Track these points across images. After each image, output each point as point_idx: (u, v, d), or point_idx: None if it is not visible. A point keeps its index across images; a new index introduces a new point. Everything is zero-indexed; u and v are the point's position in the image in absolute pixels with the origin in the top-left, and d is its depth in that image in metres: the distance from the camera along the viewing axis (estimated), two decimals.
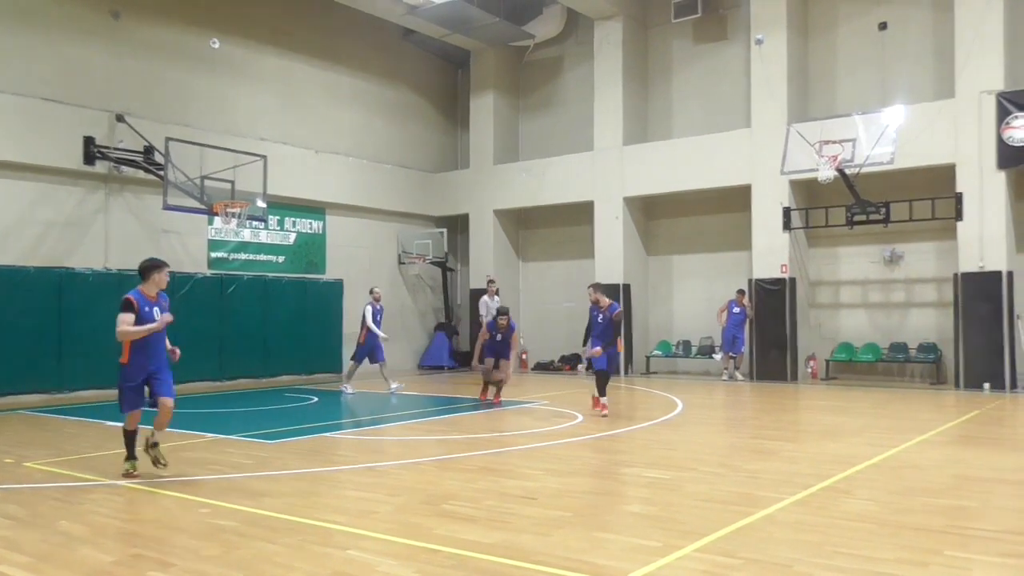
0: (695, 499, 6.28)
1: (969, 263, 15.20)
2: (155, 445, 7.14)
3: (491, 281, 19.19)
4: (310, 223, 19.15)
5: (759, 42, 16.95)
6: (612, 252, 19.48)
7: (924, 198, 15.61)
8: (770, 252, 17.26)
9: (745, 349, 17.52)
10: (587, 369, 15.14)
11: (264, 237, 18.06)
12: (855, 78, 17.44)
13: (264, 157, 15.85)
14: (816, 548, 4.87)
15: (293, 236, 18.75)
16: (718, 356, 18.01)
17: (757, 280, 17.44)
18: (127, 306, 6.86)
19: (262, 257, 18.05)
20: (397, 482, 7.06)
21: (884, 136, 14.64)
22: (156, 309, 7.02)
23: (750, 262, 17.70)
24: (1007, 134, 14.80)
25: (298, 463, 7.82)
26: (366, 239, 20.51)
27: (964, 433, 9.88)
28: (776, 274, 17.17)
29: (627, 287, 19.30)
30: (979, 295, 15.02)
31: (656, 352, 19.55)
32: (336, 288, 19.07)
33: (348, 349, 17.20)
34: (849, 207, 15.77)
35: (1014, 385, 14.74)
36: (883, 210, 15.55)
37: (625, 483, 7.24)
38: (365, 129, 20.63)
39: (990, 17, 15.05)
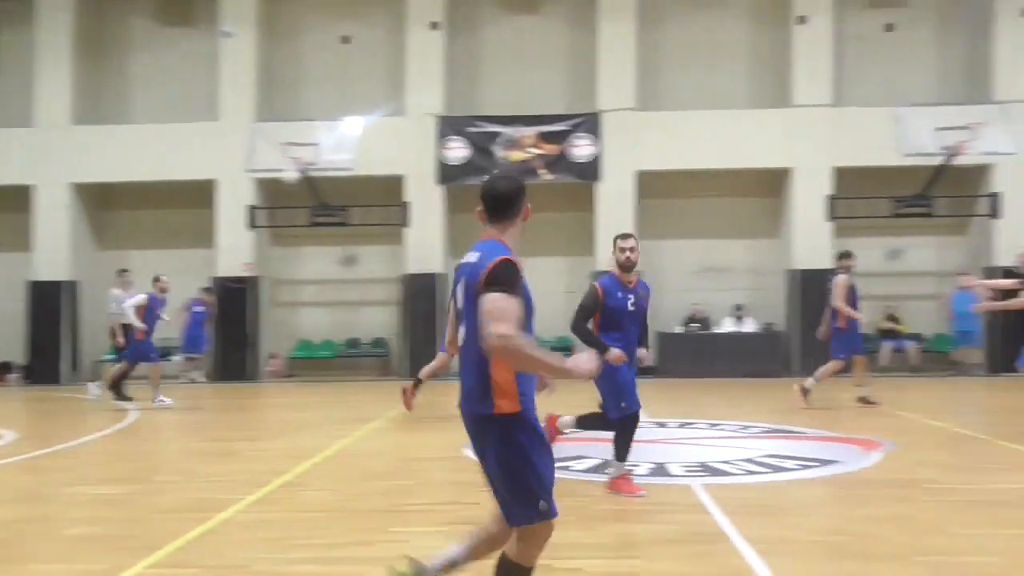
0: (149, 511, 5.88)
1: (414, 265, 16.98)
2: None
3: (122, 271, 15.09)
4: None
5: (226, 35, 16.66)
6: (55, 245, 17.27)
7: (378, 204, 16.99)
8: (234, 250, 17.09)
9: (208, 349, 17.05)
10: None
11: None
12: (319, 85, 18.20)
13: None
14: (274, 544, 4.92)
15: None
16: (179, 358, 17.18)
17: (220, 278, 17.12)
18: None
19: None
20: None
21: (344, 143, 15.58)
22: None
23: (214, 259, 17.29)
24: (445, 154, 16.92)
25: None
26: None
27: (406, 419, 10.97)
28: (240, 272, 17.07)
29: (72, 285, 17.29)
30: (421, 294, 16.88)
31: (108, 357, 17.90)
32: None
33: None
34: (311, 209, 16.43)
35: (447, 373, 16.89)
36: (342, 213, 16.55)
37: (66, 504, 6.45)
38: None
39: (433, 47, 17.04)
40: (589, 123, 16.80)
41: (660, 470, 6.98)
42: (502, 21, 18.18)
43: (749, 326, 16.71)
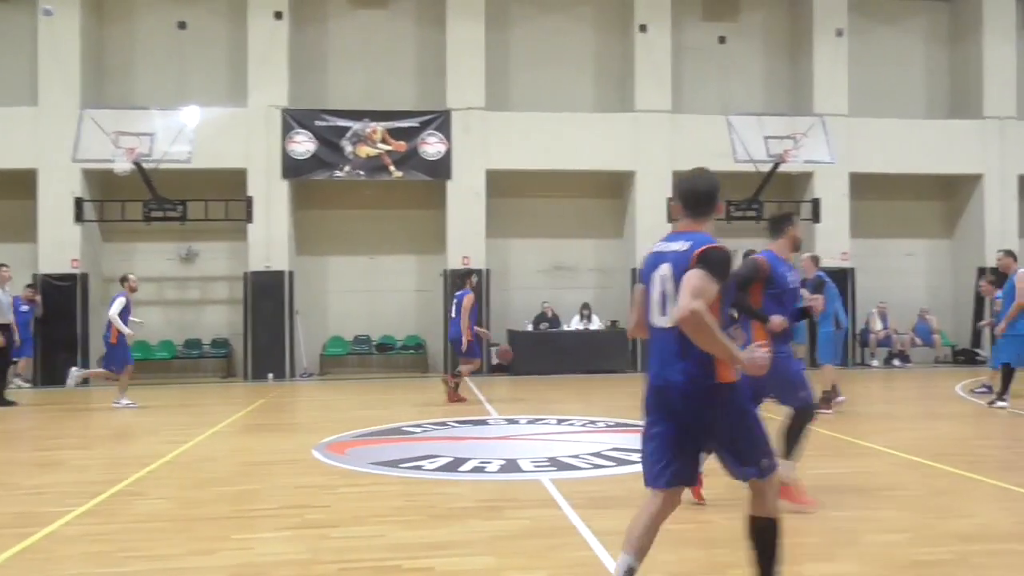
0: None
1: (257, 263, 16.39)
2: None
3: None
4: None
5: (47, 13, 15.45)
6: None
7: (218, 199, 16.26)
8: (60, 245, 15.89)
9: (30, 352, 15.74)
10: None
11: None
12: (154, 72, 17.20)
13: None
14: (106, 557, 4.61)
15: None
16: None
17: (44, 275, 15.87)
18: None
19: None
20: None
21: (182, 134, 14.81)
22: None
23: (37, 255, 16.00)
24: (290, 147, 16.43)
25: None
26: None
27: (251, 422, 10.58)
28: (67, 269, 15.89)
29: None
30: (265, 293, 16.32)
31: None
32: None
33: None
34: (146, 202, 15.53)
35: (294, 374, 16.43)
36: (180, 208, 15.73)
37: None
38: None
39: (277, 37, 16.49)
40: (439, 121, 16.79)
41: (510, 466, 7.06)
42: (350, 14, 17.85)
43: (596, 324, 17.22)
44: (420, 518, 5.40)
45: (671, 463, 3.47)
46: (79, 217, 15.91)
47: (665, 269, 3.46)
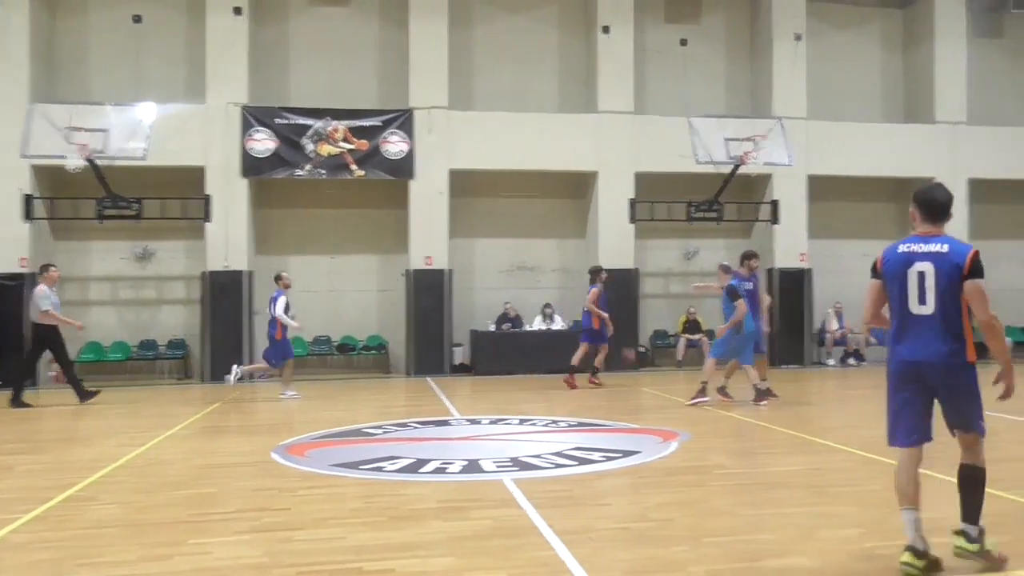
0: None
1: (215, 262, 16.15)
2: None
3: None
4: None
5: None
6: None
7: (176, 197, 16.01)
8: (7, 243, 15.50)
9: None
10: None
11: None
12: (108, 66, 16.87)
13: None
14: (55, 565, 4.50)
15: None
16: None
17: None
18: None
19: None
20: None
21: (137, 131, 14.54)
22: None
23: None
24: (250, 145, 16.22)
25: None
26: None
27: (208, 424, 10.42)
28: (15, 268, 15.51)
29: None
30: (224, 293, 16.09)
31: None
32: None
33: None
34: (100, 200, 15.22)
35: (252, 376, 16.19)
36: (135, 206, 15.44)
37: None
38: None
39: (237, 33, 16.27)
40: (402, 120, 16.70)
41: (472, 466, 7.04)
42: (311, 11, 17.68)
43: (558, 324, 17.26)
44: (381, 520, 5.36)
45: (917, 426, 4.32)
46: (28, 215, 15.54)
47: (926, 267, 4.21)
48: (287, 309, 12.62)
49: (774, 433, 8.97)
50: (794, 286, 17.88)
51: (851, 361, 18.14)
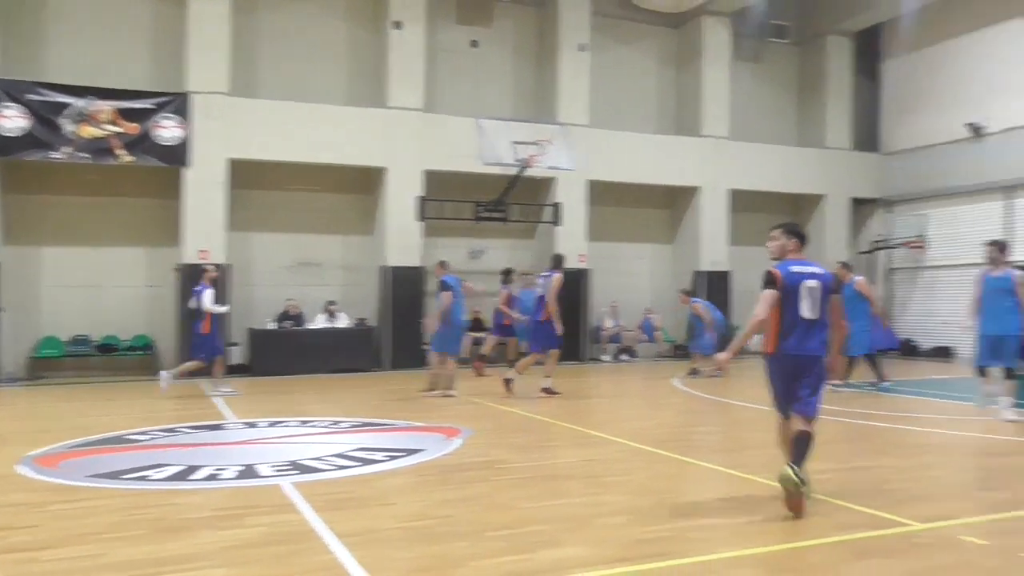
0: None
1: None
2: None
3: None
4: None
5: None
6: None
7: None
8: None
9: None
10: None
11: None
12: None
13: None
14: None
15: None
16: None
17: None
18: None
19: None
20: None
21: None
22: None
23: None
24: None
25: None
26: None
27: None
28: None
29: None
30: None
31: None
32: None
33: None
34: None
35: None
36: None
37: None
38: None
39: None
40: (177, 103, 15.62)
41: (248, 472, 6.72)
42: None
43: (342, 321, 16.92)
44: (146, 532, 4.97)
45: (791, 401, 5.65)
46: None
47: (814, 284, 5.56)
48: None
49: (554, 427, 9.31)
50: (574, 286, 18.66)
51: (624, 357, 19.26)
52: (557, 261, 12.31)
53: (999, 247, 9.91)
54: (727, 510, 5.54)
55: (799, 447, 5.47)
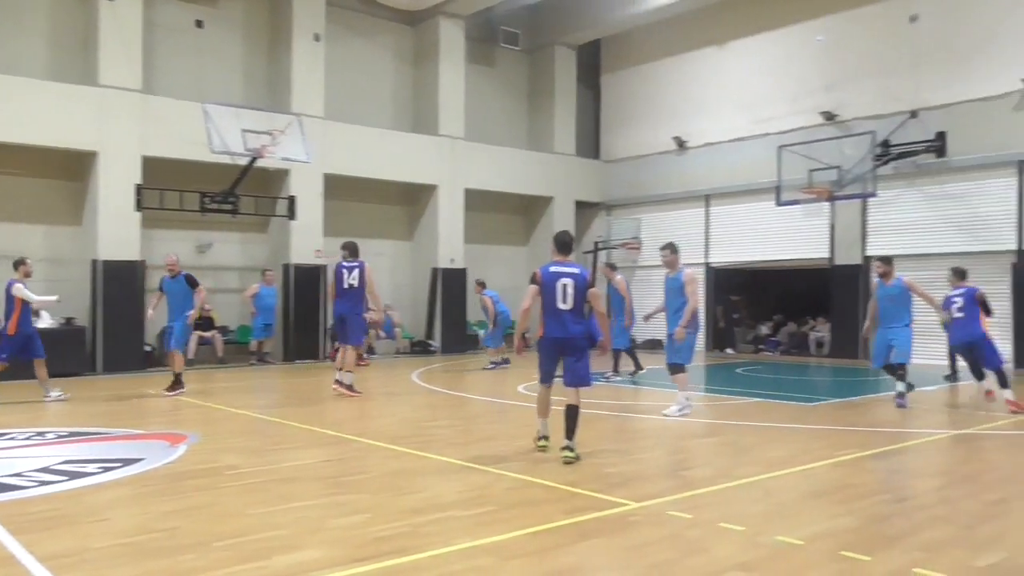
0: None
1: None
2: None
3: None
4: None
5: None
6: None
7: None
8: None
9: None
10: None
11: None
12: None
13: None
14: None
15: None
16: None
17: None
18: None
19: None
20: None
21: None
22: None
23: None
24: None
25: None
26: None
27: None
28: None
29: None
30: None
31: None
32: None
33: None
34: None
35: None
36: None
37: None
38: None
39: None
40: None
41: None
42: None
43: (46, 321, 15.15)
44: None
45: (551, 373, 7.15)
46: None
47: (568, 281, 6.99)
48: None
49: (288, 428, 9.02)
50: (310, 282, 18.23)
51: (365, 354, 19.11)
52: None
53: (886, 260, 10.86)
54: (463, 502, 5.68)
55: (569, 420, 6.92)
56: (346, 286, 11.72)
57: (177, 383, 11.86)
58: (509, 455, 7.28)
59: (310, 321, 18.23)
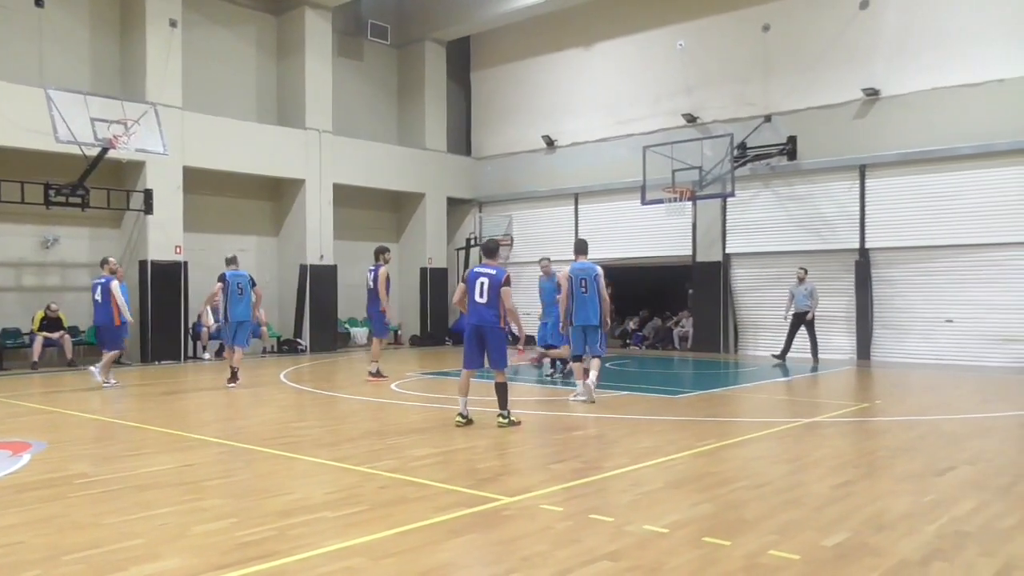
0: None
1: None
2: None
3: None
4: None
5: None
6: None
7: None
8: None
9: None
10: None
11: None
12: None
13: None
14: None
15: None
16: None
17: None
18: None
19: None
20: None
21: None
22: None
23: None
24: None
25: None
26: None
27: None
28: None
29: None
30: None
31: None
32: None
33: None
34: None
35: None
36: None
37: None
38: None
39: None
40: None
41: None
42: None
43: None
44: None
45: (473, 359, 8.66)
46: None
47: (484, 280, 8.58)
48: None
49: (145, 433, 8.57)
50: (170, 279, 17.39)
51: (226, 355, 18.36)
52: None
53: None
54: (333, 503, 5.55)
55: (500, 395, 8.59)
56: (369, 287, 13.38)
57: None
58: (381, 454, 7.18)
59: (171, 319, 17.39)
